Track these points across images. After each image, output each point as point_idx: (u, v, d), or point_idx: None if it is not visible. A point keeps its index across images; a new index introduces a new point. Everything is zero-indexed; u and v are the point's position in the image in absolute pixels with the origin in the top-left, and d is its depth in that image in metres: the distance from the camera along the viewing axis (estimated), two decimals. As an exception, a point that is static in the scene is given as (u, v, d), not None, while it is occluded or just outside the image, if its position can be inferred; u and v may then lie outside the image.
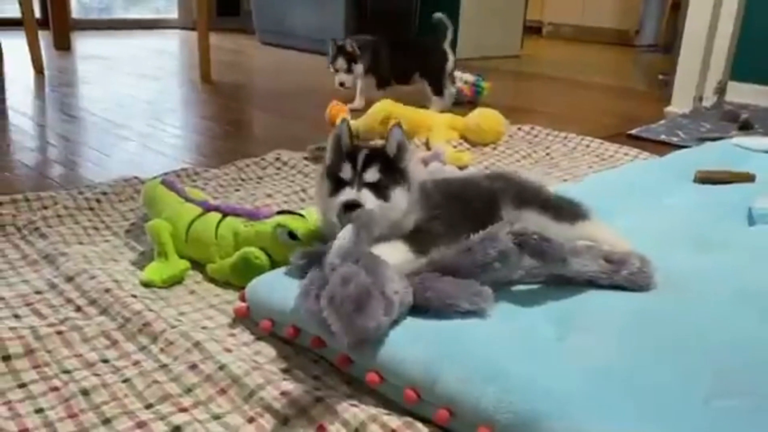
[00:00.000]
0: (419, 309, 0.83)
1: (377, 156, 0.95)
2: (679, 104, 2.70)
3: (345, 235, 0.85)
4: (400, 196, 0.94)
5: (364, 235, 0.86)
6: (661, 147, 2.08)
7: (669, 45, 4.28)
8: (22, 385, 0.78)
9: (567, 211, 1.05)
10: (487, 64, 3.85)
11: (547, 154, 1.96)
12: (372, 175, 0.93)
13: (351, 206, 0.90)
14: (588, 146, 2.02)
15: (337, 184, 0.93)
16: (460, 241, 0.89)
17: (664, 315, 0.86)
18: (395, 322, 0.81)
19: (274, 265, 1.03)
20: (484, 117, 2.00)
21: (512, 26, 4.47)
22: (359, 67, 2.44)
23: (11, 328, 0.86)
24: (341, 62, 2.42)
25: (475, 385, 0.71)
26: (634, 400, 0.68)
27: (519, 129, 2.16)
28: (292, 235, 1.02)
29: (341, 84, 2.44)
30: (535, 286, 0.93)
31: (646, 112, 2.66)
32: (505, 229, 0.88)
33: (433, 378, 0.73)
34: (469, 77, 2.68)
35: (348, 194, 0.91)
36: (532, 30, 5.62)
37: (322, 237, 1.00)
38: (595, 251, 0.93)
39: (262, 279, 0.97)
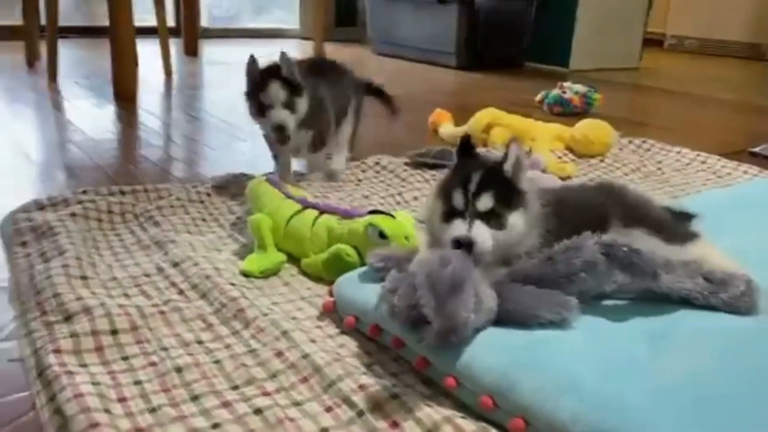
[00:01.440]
0: (499, 320, 0.82)
1: (492, 177, 0.88)
2: (814, 122, 2.49)
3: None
4: (517, 222, 0.88)
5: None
6: (788, 167, 1.93)
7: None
8: (125, 358, 0.85)
9: (677, 232, 1.00)
10: (601, 75, 3.73)
11: (659, 168, 1.87)
12: (485, 203, 0.87)
13: (462, 243, 0.85)
14: (704, 162, 1.90)
15: (450, 208, 0.89)
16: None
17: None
18: (476, 331, 0.80)
19: (364, 263, 1.05)
20: (592, 127, 1.94)
21: (631, 38, 4.31)
22: (302, 104, 1.50)
23: (120, 306, 0.94)
24: (277, 92, 1.46)
25: (551, 397, 0.69)
26: (723, 425, 0.64)
27: (630, 142, 2.08)
28: (382, 234, 1.04)
29: (278, 128, 1.47)
30: (626, 301, 0.90)
31: (773, 130, 2.47)
32: (592, 240, 0.85)
33: (509, 386, 0.72)
34: (580, 88, 2.61)
35: (459, 229, 0.85)
36: (653, 43, 5.38)
37: (407, 239, 1.01)
38: (693, 268, 0.88)
39: (349, 276, 0.99)
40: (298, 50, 4.62)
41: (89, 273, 1.04)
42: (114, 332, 0.88)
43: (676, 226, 1.03)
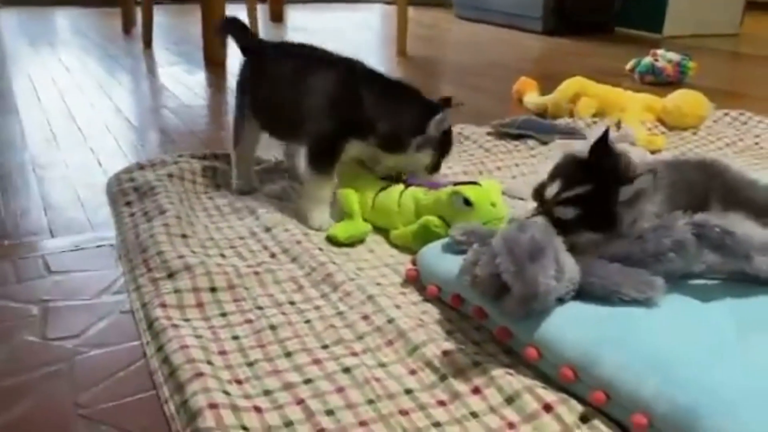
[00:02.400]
0: (582, 294, 0.83)
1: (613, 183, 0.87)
2: None
3: None
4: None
5: None
6: None
7: None
8: (224, 314, 0.91)
9: None
10: (697, 42, 3.55)
11: (756, 143, 1.79)
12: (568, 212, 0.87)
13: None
14: (807, 138, 1.80)
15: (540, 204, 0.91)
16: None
17: None
18: (560, 301, 0.81)
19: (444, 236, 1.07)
20: (684, 99, 1.87)
21: (731, 1, 4.05)
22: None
23: (218, 264, 1.00)
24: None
25: (636, 372, 0.70)
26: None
27: (726, 114, 1.99)
28: (467, 201, 1.05)
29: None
30: (716, 281, 0.88)
31: None
32: (683, 220, 0.83)
33: (592, 360, 0.73)
34: (673, 56, 2.50)
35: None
36: (759, 6, 5.04)
37: (494, 205, 1.03)
38: None
39: (431, 247, 1.01)
40: (381, 16, 4.61)
41: (188, 232, 1.11)
42: (213, 290, 0.95)
43: None
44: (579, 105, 1.92)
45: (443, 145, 1.23)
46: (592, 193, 0.87)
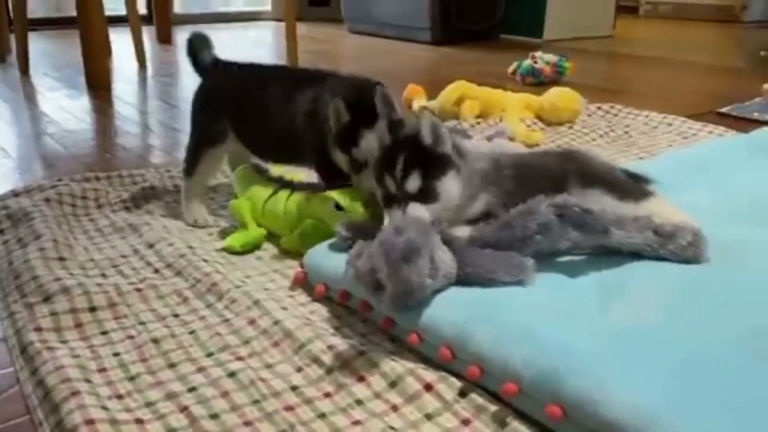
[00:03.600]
0: (459, 282, 0.86)
1: (415, 154, 0.94)
2: (780, 81, 2.54)
3: None
4: (449, 187, 0.94)
5: None
6: (753, 126, 1.97)
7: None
8: (104, 333, 0.88)
9: (632, 190, 1.04)
10: (575, 44, 3.77)
11: (626, 132, 1.92)
12: (414, 183, 0.92)
13: None
14: (670, 125, 1.95)
15: (386, 193, 0.96)
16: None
17: (715, 287, 0.85)
18: (437, 291, 0.84)
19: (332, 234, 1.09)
20: (559, 95, 1.98)
21: (604, 6, 4.33)
22: None
23: (98, 284, 0.97)
24: None
25: (505, 345, 0.73)
26: (667, 364, 0.69)
27: (598, 108, 2.12)
28: (338, 206, 1.07)
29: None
30: (581, 257, 0.94)
31: (743, 91, 2.52)
32: (545, 203, 0.89)
33: (466, 337, 0.77)
34: (551, 57, 2.64)
35: (396, 217, 0.92)
36: (628, 10, 5.41)
37: (368, 207, 1.05)
38: (643, 223, 0.92)
39: (318, 247, 1.03)
40: (274, 33, 4.61)
41: (66, 254, 1.07)
42: (92, 309, 0.92)
43: (632, 185, 1.07)
44: (463, 107, 1.99)
45: None
46: (415, 151, 0.94)
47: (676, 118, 1.98)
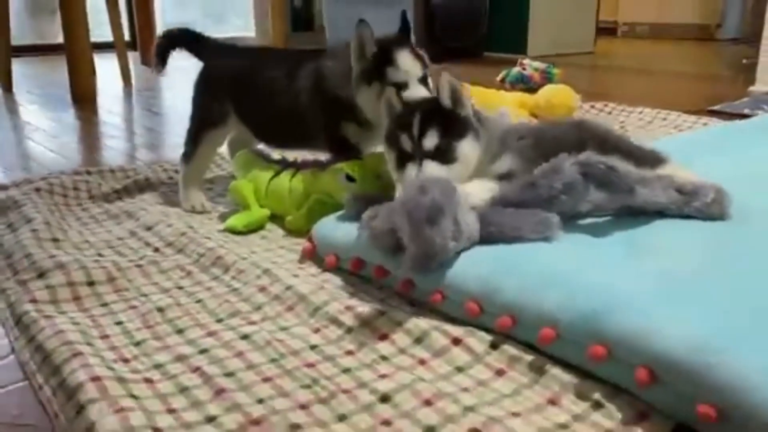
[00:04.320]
0: (483, 242, 0.82)
1: (433, 114, 0.91)
2: (765, 83, 2.57)
3: None
4: (468, 150, 0.90)
5: None
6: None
7: (754, 36, 4.08)
8: (104, 304, 0.83)
9: (648, 156, 1.01)
10: (559, 60, 3.79)
11: (622, 127, 1.91)
12: (431, 141, 0.89)
13: None
14: (665, 119, 1.95)
15: (400, 153, 0.91)
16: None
17: (742, 243, 0.82)
18: (458, 253, 0.81)
19: (339, 208, 1.05)
20: (553, 93, 1.97)
21: (585, 24, 4.40)
22: None
23: (95, 261, 0.92)
24: None
25: (536, 291, 0.70)
26: (711, 298, 0.65)
27: (592, 107, 2.12)
28: (349, 177, 1.03)
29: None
30: (603, 219, 0.91)
31: (729, 94, 2.54)
32: (570, 161, 0.86)
33: (494, 288, 0.73)
34: (539, 65, 2.65)
35: (411, 174, 0.88)
36: (607, 31, 5.50)
37: (379, 177, 1.01)
38: (666, 181, 0.89)
39: (327, 219, 0.99)
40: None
41: (60, 236, 1.02)
42: (91, 283, 0.87)
43: (646, 152, 1.04)
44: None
45: None
46: (433, 111, 0.90)
47: (670, 113, 1.98)
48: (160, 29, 4.55)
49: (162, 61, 1.26)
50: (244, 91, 1.18)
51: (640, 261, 0.75)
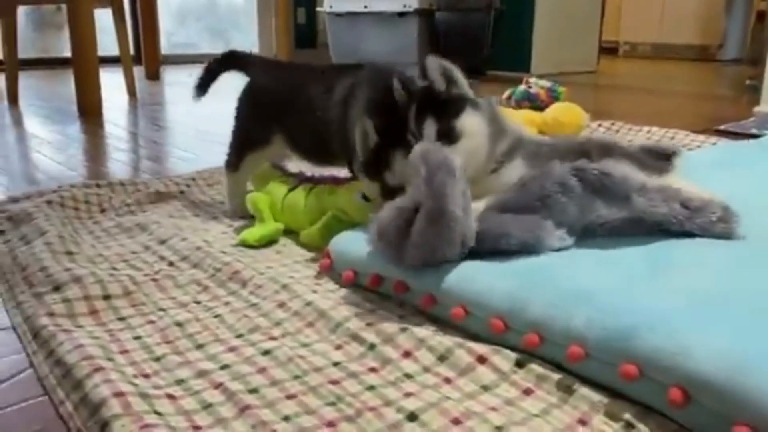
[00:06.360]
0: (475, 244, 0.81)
1: (425, 102, 0.89)
2: (770, 103, 2.58)
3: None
4: (470, 122, 0.89)
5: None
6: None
7: (756, 57, 4.11)
8: (122, 318, 0.82)
9: (653, 165, 1.01)
10: (562, 79, 3.81)
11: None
12: (430, 128, 0.87)
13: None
14: (672, 138, 1.95)
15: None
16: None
17: (762, 261, 0.82)
18: (474, 256, 0.80)
19: (355, 225, 1.04)
20: (562, 111, 1.98)
21: (587, 44, 4.44)
22: None
23: (111, 274, 0.91)
24: None
25: (564, 309, 0.69)
26: (743, 317, 0.64)
27: (599, 125, 2.12)
28: (365, 197, 1.03)
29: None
30: (619, 237, 0.90)
31: (733, 114, 2.55)
32: (561, 165, 0.85)
33: (520, 305, 0.72)
34: (544, 83, 2.66)
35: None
36: (609, 51, 5.54)
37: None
38: (670, 193, 0.86)
39: (345, 234, 0.98)
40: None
41: (74, 249, 1.01)
42: (107, 297, 0.86)
43: (653, 162, 1.03)
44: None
45: None
46: (425, 99, 0.89)
47: (677, 132, 1.98)
48: (163, 44, 4.59)
49: (208, 83, 1.28)
50: (289, 109, 1.17)
51: (666, 279, 0.75)
